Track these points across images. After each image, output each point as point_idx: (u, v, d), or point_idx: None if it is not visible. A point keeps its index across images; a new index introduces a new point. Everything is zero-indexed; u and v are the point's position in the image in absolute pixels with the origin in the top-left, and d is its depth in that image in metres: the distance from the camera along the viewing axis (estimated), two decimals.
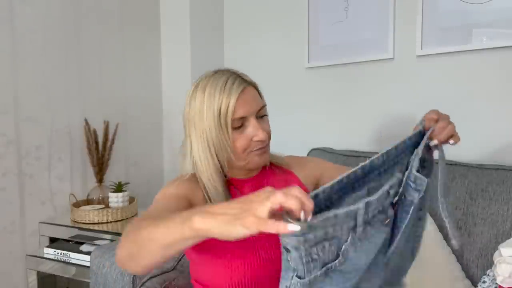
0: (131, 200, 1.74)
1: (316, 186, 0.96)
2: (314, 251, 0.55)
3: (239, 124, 0.83)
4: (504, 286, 0.89)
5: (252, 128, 0.84)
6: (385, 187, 0.62)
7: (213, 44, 2.06)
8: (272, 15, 1.92)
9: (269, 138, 0.89)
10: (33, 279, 1.54)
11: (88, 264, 1.37)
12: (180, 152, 0.91)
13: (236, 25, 2.06)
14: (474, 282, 1.10)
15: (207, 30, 2.03)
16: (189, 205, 0.83)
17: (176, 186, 0.88)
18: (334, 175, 0.92)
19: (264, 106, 0.88)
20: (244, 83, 0.84)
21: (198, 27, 1.98)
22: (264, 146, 0.87)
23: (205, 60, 2.02)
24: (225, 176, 0.89)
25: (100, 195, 1.72)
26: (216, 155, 0.85)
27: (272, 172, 0.96)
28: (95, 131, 1.69)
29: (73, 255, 1.45)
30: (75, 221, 1.58)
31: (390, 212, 0.64)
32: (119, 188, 1.68)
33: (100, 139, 1.71)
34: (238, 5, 2.04)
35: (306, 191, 0.93)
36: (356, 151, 1.55)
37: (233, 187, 0.91)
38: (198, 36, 1.98)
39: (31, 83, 1.57)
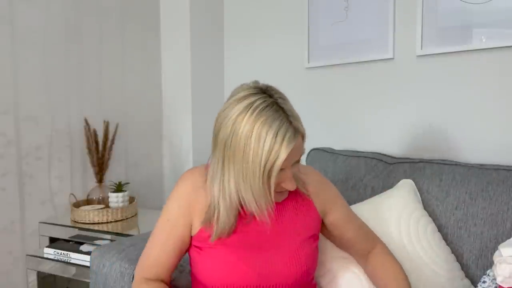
0: (131, 200, 1.74)
1: (322, 216, 0.97)
2: None
3: None
4: (504, 286, 0.89)
5: (285, 178, 0.81)
6: None
7: (213, 44, 2.06)
8: (272, 15, 1.92)
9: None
10: (33, 279, 1.54)
11: (88, 264, 1.37)
12: (208, 173, 0.87)
13: (236, 25, 2.06)
14: (474, 282, 1.10)
15: (207, 30, 2.03)
16: (185, 226, 0.89)
17: (178, 202, 0.90)
18: (340, 219, 0.97)
19: (302, 154, 0.83)
20: (296, 134, 0.77)
21: (198, 27, 1.98)
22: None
23: (205, 60, 2.03)
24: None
25: (100, 195, 1.72)
26: (244, 196, 0.81)
27: (291, 197, 0.93)
28: (95, 131, 1.69)
29: (73, 255, 1.45)
30: (75, 221, 1.58)
31: None
32: (119, 188, 1.68)
33: (100, 139, 1.71)
34: (238, 5, 2.04)
35: (319, 220, 0.95)
36: (356, 151, 1.55)
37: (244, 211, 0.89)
38: (198, 36, 1.98)
39: (31, 83, 1.57)
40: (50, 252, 1.49)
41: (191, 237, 0.91)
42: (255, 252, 0.87)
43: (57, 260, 1.45)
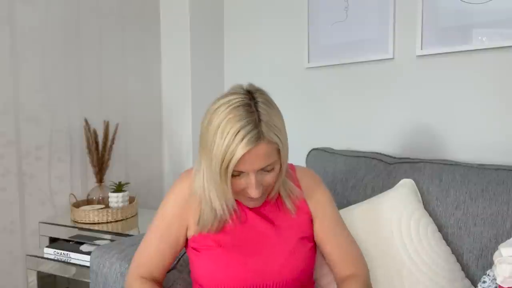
0: (131, 200, 1.74)
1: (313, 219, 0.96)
2: None
3: (238, 174, 0.79)
4: (504, 286, 0.89)
5: (247, 183, 0.80)
6: None
7: (213, 44, 2.06)
8: (272, 15, 1.92)
9: (270, 187, 0.85)
10: (33, 279, 1.54)
11: (88, 264, 1.37)
12: (195, 165, 0.90)
13: (236, 25, 2.06)
14: (474, 282, 1.10)
15: (207, 30, 2.03)
16: (180, 227, 0.91)
17: (174, 202, 0.92)
18: (326, 227, 0.93)
19: (271, 163, 0.79)
20: (258, 138, 0.75)
21: (198, 27, 1.98)
22: (256, 198, 0.83)
23: (205, 60, 2.02)
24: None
25: (100, 195, 1.72)
26: (209, 190, 0.85)
27: (280, 204, 0.93)
28: (95, 131, 1.69)
29: (73, 255, 1.45)
30: (75, 221, 1.58)
31: None
32: (119, 188, 1.68)
33: (100, 139, 1.71)
34: (238, 5, 2.04)
35: (312, 222, 0.95)
36: (356, 151, 1.55)
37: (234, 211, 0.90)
38: (198, 36, 1.98)
39: (31, 83, 1.57)
40: (50, 252, 1.49)
41: (188, 239, 0.92)
42: (251, 252, 0.87)
43: (57, 260, 1.45)
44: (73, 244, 1.52)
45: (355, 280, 0.90)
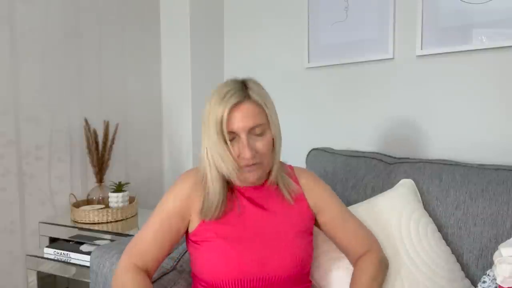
0: (131, 200, 1.74)
1: (315, 213, 0.99)
2: None
3: (232, 137, 0.86)
4: (504, 286, 0.89)
5: (239, 145, 0.86)
6: None
7: (213, 44, 2.06)
8: (272, 15, 1.92)
9: (265, 157, 0.89)
10: (33, 279, 1.54)
11: (88, 264, 1.38)
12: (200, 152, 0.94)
13: (236, 25, 2.06)
14: (474, 282, 1.10)
15: (207, 30, 2.03)
16: (180, 220, 0.92)
17: (176, 195, 0.94)
18: (333, 218, 0.98)
19: (260, 125, 0.86)
20: (241, 97, 0.85)
21: (198, 27, 1.98)
22: (252, 164, 0.87)
23: (205, 60, 2.02)
24: (228, 183, 0.93)
25: (100, 195, 1.72)
26: (214, 157, 0.88)
27: (279, 196, 0.96)
28: (95, 131, 1.69)
29: (73, 255, 1.45)
30: (75, 221, 1.58)
31: None
32: (119, 188, 1.68)
33: (100, 139, 1.71)
34: (238, 5, 2.04)
35: (311, 216, 0.97)
36: (356, 151, 1.55)
37: (234, 196, 0.94)
38: (198, 36, 1.98)
39: (31, 83, 1.57)
40: (50, 252, 1.49)
41: (189, 233, 0.93)
42: (251, 244, 0.88)
43: (57, 260, 1.45)
44: (73, 244, 1.52)
45: (369, 258, 0.96)
